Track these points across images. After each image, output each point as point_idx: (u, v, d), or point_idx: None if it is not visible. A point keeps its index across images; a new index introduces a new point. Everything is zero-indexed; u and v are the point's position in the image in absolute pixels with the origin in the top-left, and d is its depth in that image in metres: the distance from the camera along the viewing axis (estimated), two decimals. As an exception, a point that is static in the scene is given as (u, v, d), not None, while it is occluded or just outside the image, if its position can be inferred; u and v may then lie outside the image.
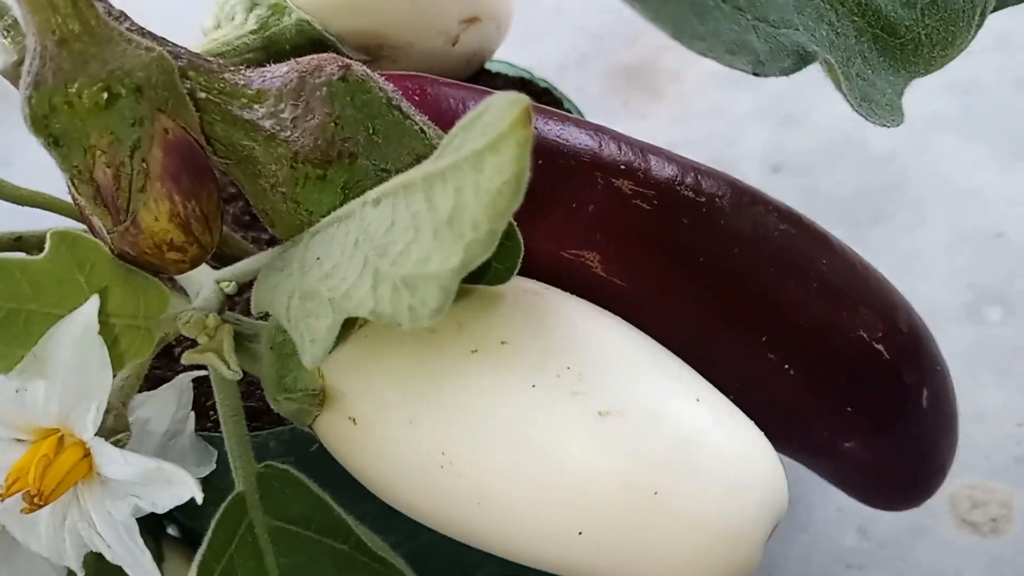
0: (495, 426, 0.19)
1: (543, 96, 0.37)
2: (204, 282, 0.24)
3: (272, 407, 0.24)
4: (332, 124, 0.21)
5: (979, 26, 0.26)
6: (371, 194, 0.18)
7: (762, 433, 0.20)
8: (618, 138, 0.25)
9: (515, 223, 0.20)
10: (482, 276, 0.21)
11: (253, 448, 0.24)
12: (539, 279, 0.23)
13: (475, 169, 0.16)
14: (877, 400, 0.28)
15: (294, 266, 0.21)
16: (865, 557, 0.45)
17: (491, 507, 0.20)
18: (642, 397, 0.19)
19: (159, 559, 0.30)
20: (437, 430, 0.20)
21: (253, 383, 0.27)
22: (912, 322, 0.28)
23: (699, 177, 0.26)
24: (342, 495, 0.24)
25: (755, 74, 0.22)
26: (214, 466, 0.25)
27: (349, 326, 0.22)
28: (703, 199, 0.25)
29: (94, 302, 0.20)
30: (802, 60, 0.22)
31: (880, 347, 0.27)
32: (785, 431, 0.28)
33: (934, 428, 0.29)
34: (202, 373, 0.25)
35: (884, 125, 0.23)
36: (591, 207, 0.24)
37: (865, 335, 0.27)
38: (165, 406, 0.24)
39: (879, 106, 0.23)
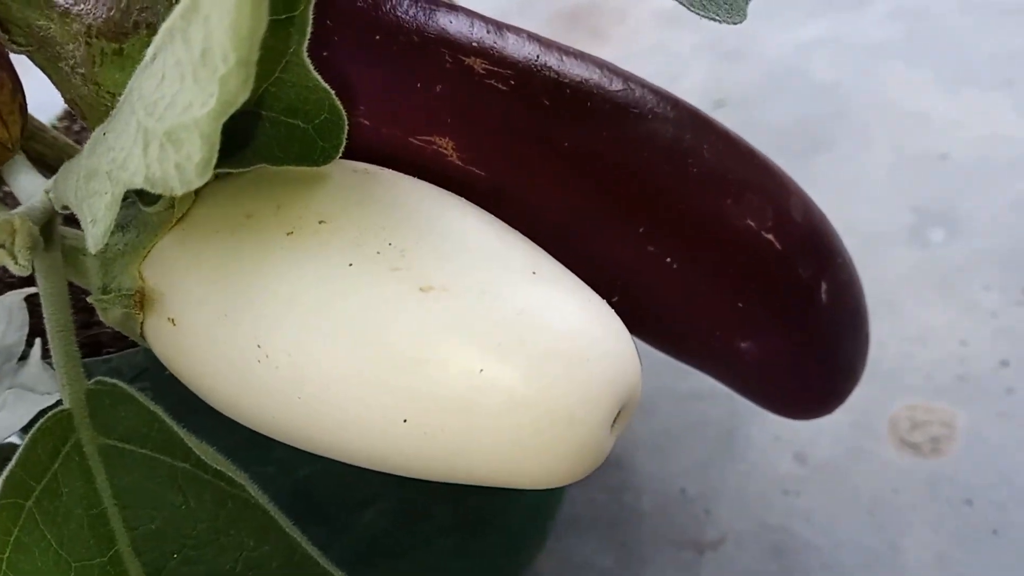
0: (309, 311, 0.17)
1: None
2: (32, 189, 0.22)
3: (101, 318, 0.22)
4: (125, -9, 0.19)
5: None
6: (148, 52, 0.16)
7: (610, 311, 0.18)
8: (471, 15, 0.23)
9: (334, 95, 0.18)
10: (307, 156, 0.19)
11: (105, 373, 0.22)
12: (392, 169, 0.21)
13: None
14: (770, 295, 0.26)
15: (85, 149, 0.19)
16: (802, 482, 0.44)
17: (310, 399, 0.18)
18: (469, 271, 0.17)
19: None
20: (251, 321, 0.18)
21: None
22: (808, 211, 0.26)
23: (564, 58, 0.24)
24: (206, 424, 0.22)
25: None
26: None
27: (166, 221, 0.20)
28: (567, 81, 0.23)
29: None
30: None
31: (770, 237, 0.25)
32: (676, 332, 0.26)
33: (837, 325, 0.27)
34: (33, 290, 0.23)
35: (723, 21, 0.21)
36: (438, 87, 0.22)
37: (753, 224, 0.25)
38: (-7, 324, 0.22)
39: (715, 3, 0.21)
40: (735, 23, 0.21)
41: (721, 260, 0.25)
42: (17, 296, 0.23)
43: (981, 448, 0.43)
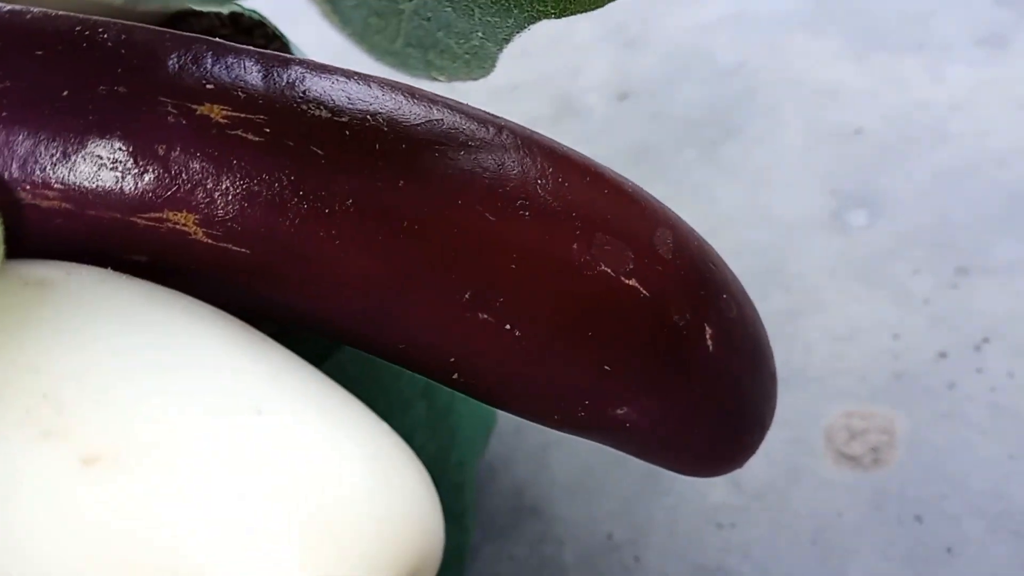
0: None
1: (255, 30, 0.29)
2: None
3: None
4: None
5: None
6: None
7: (386, 436, 0.13)
8: (201, 43, 0.17)
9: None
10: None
11: None
12: (114, 267, 0.16)
13: None
14: (643, 352, 0.21)
15: None
16: (737, 513, 0.39)
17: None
18: (153, 428, 0.12)
19: None
20: None
21: None
22: (680, 243, 0.21)
23: (342, 88, 0.18)
24: None
25: None
26: None
27: None
28: (346, 119, 0.18)
29: None
30: None
31: (633, 282, 0.20)
32: (537, 407, 0.21)
33: (732, 373, 0.22)
34: None
35: (448, 79, 0.16)
36: (161, 149, 0.16)
37: (609, 270, 0.20)
38: None
39: (448, 55, 0.16)
40: (478, 78, 0.16)
41: (574, 319, 0.20)
42: None
43: (926, 454, 0.38)
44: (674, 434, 0.22)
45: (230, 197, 0.17)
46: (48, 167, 0.16)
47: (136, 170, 0.16)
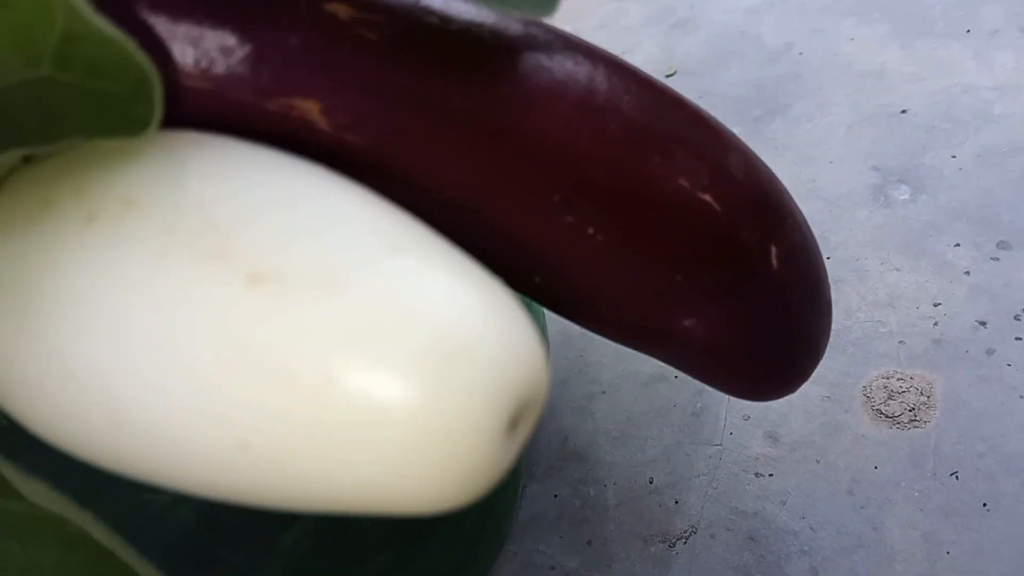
0: (116, 318, 0.14)
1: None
2: None
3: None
4: None
5: None
6: None
7: (502, 291, 0.14)
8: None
9: (138, 48, 0.15)
10: (120, 126, 0.15)
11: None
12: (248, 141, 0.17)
13: None
14: (713, 264, 0.22)
15: None
16: (776, 464, 0.40)
17: (127, 425, 0.14)
18: (311, 253, 0.13)
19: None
20: (50, 332, 0.14)
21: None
22: (751, 168, 0.23)
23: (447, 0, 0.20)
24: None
25: None
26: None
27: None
28: (454, 27, 0.19)
29: None
30: None
31: (708, 197, 0.21)
32: (611, 313, 0.23)
33: (792, 294, 0.23)
34: None
35: (521, 15, 0.17)
36: (294, 40, 0.18)
37: (686, 184, 0.21)
38: None
39: None
40: (544, 16, 0.17)
41: (652, 227, 0.21)
42: None
43: (963, 416, 0.39)
44: (735, 349, 0.24)
45: (349, 88, 0.18)
46: (195, 52, 0.17)
47: (270, 58, 0.18)
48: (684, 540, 0.39)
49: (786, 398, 0.42)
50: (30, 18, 0.15)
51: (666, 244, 0.21)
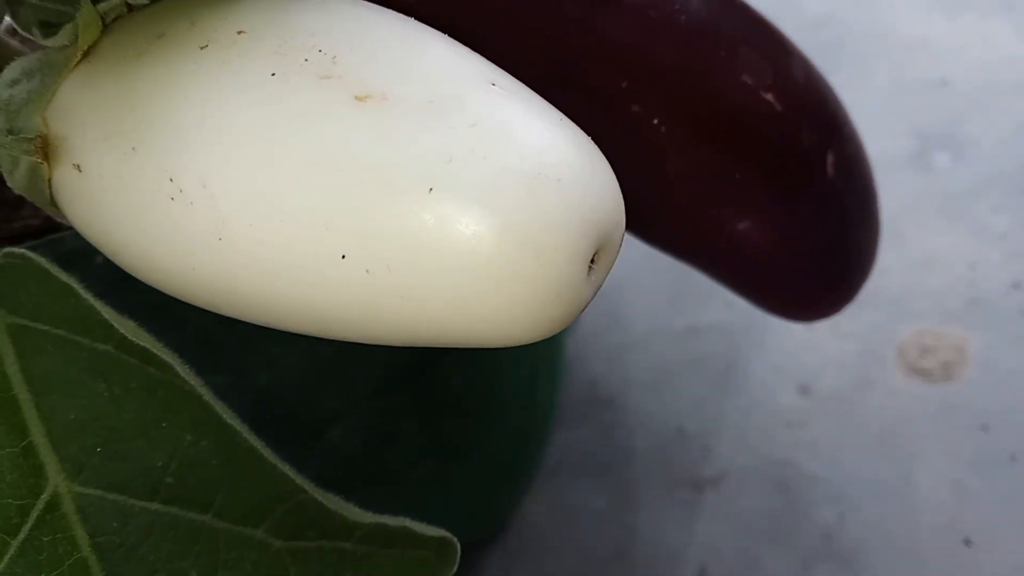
0: (225, 131, 0.15)
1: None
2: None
3: (8, 183, 0.19)
4: None
5: None
6: None
7: (584, 135, 0.16)
8: None
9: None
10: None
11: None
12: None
13: None
14: (771, 164, 0.23)
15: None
16: (806, 414, 0.41)
17: (232, 238, 0.15)
18: (413, 78, 0.15)
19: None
20: (161, 151, 0.15)
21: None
22: (811, 74, 0.24)
23: None
24: (142, 325, 0.20)
25: None
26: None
27: (70, 59, 0.18)
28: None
29: None
30: None
31: (770, 96, 0.23)
32: (666, 212, 0.24)
33: (845, 202, 0.24)
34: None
35: None
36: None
37: (750, 81, 0.22)
38: None
39: None
40: None
41: (713, 122, 0.22)
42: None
43: (995, 372, 0.40)
44: (785, 257, 0.25)
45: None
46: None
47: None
48: (713, 486, 0.40)
49: (820, 351, 0.43)
50: None
51: (726, 140, 0.22)
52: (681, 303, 0.47)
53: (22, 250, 0.19)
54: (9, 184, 0.19)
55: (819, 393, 0.42)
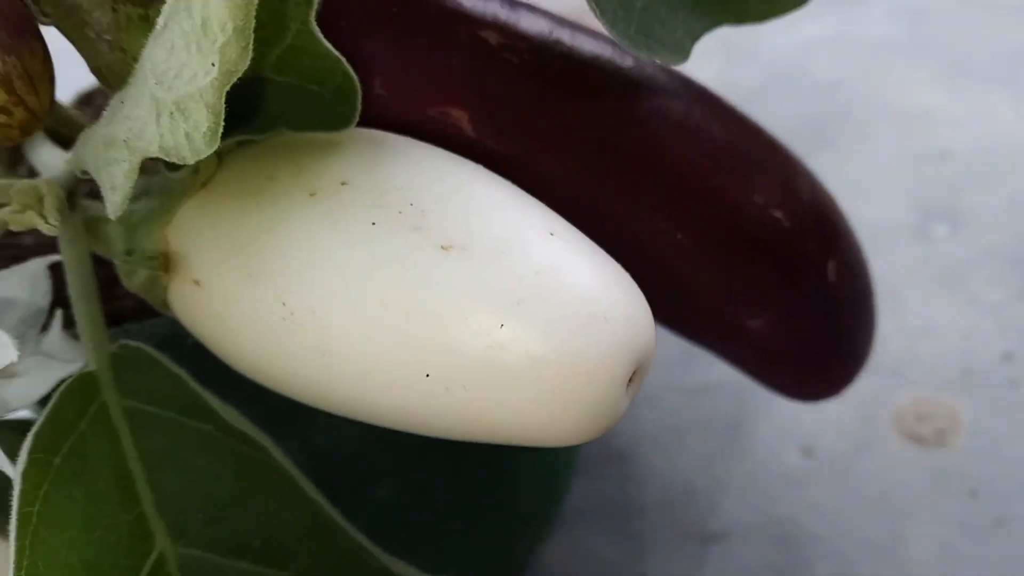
0: (333, 268, 0.18)
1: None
2: (54, 163, 0.23)
3: (125, 284, 0.23)
4: (153, -41, 0.19)
5: None
6: (160, 19, 0.17)
7: (626, 275, 0.19)
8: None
9: (345, 61, 0.19)
10: (322, 121, 0.20)
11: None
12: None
13: None
14: (778, 271, 0.27)
15: (104, 116, 0.20)
16: (809, 475, 0.45)
17: (334, 356, 0.18)
18: (489, 231, 0.18)
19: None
20: (276, 279, 0.19)
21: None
22: (816, 191, 0.27)
23: (576, 34, 0.24)
24: (226, 398, 0.23)
25: None
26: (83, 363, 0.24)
27: (191, 187, 0.21)
28: (579, 57, 0.24)
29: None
30: None
31: (778, 214, 0.26)
32: (685, 309, 0.27)
33: (844, 304, 0.28)
34: (57, 258, 0.24)
35: (660, 61, 0.22)
36: (454, 60, 0.23)
37: (761, 200, 0.26)
38: (18, 291, 0.23)
39: (660, 42, 0.22)
40: (671, 63, 0.22)
41: (729, 235, 0.26)
42: (41, 263, 0.24)
43: (985, 440, 0.44)
44: (791, 348, 0.28)
45: (495, 103, 0.23)
46: (381, 66, 0.22)
47: (434, 74, 0.23)
48: (718, 540, 0.43)
49: (822, 416, 0.46)
50: (269, 35, 0.20)
51: (740, 251, 0.26)
52: (692, 362, 0.51)
53: (137, 343, 0.22)
54: (126, 286, 0.23)
55: (820, 455, 0.45)
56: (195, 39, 0.16)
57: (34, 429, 0.20)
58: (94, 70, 0.21)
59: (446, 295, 0.18)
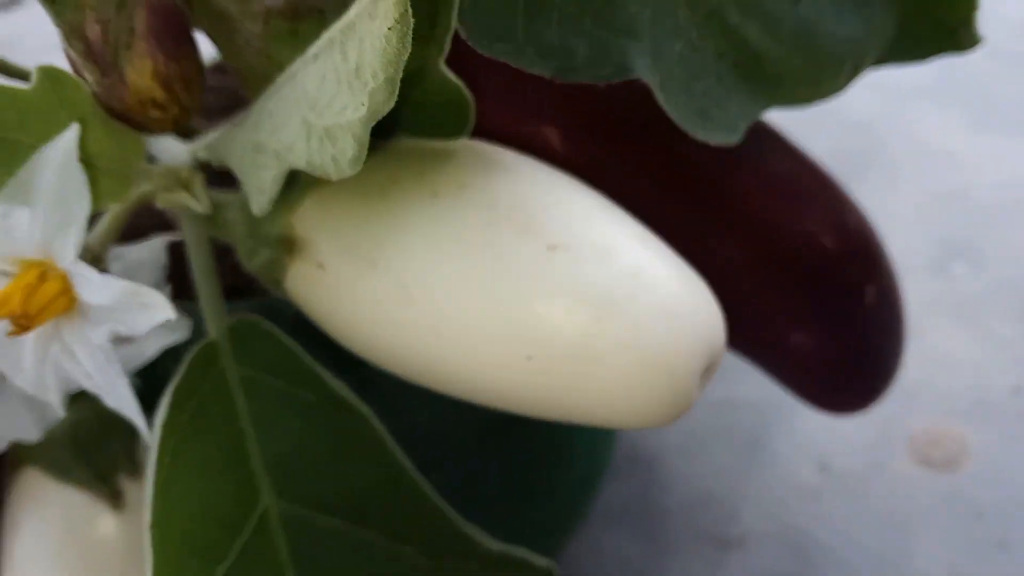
0: (452, 259, 0.21)
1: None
2: (177, 152, 0.26)
3: (245, 265, 0.25)
4: (301, -19, 0.22)
5: (853, 76, 0.26)
6: (311, 50, 0.20)
7: (702, 280, 0.22)
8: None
9: (463, 86, 0.22)
10: (439, 131, 0.23)
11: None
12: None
13: (370, 17, 0.17)
14: (823, 292, 0.29)
15: (250, 121, 0.22)
16: (825, 490, 0.47)
17: (447, 336, 0.21)
18: (589, 235, 0.21)
19: (132, 438, 0.32)
20: (398, 266, 0.21)
21: (228, 263, 0.29)
22: (860, 221, 0.30)
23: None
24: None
25: (554, 77, 0.22)
26: (188, 335, 0.26)
27: (316, 180, 0.24)
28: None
29: (74, 130, 0.21)
30: (620, 72, 0.22)
31: (826, 241, 0.29)
32: (735, 319, 0.30)
33: (880, 326, 0.31)
34: (176, 239, 0.27)
35: (711, 141, 0.24)
36: (549, 85, 0.25)
37: (812, 228, 0.29)
38: (139, 265, 0.26)
39: (715, 123, 0.24)
40: (722, 143, 0.24)
41: (781, 257, 0.28)
42: (161, 241, 0.26)
43: (992, 467, 0.46)
44: (828, 363, 0.31)
45: (583, 123, 0.26)
46: (489, 86, 0.25)
47: (531, 96, 0.25)
48: (736, 545, 0.46)
49: (838, 435, 0.49)
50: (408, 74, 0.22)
51: (790, 272, 0.29)
52: (719, 376, 0.53)
53: (253, 317, 0.25)
54: (245, 266, 0.25)
55: (835, 472, 0.48)
56: (347, 79, 0.18)
57: (169, 390, 0.23)
58: (233, 70, 0.24)
59: (552, 288, 0.20)
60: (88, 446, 0.30)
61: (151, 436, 0.23)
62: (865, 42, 0.25)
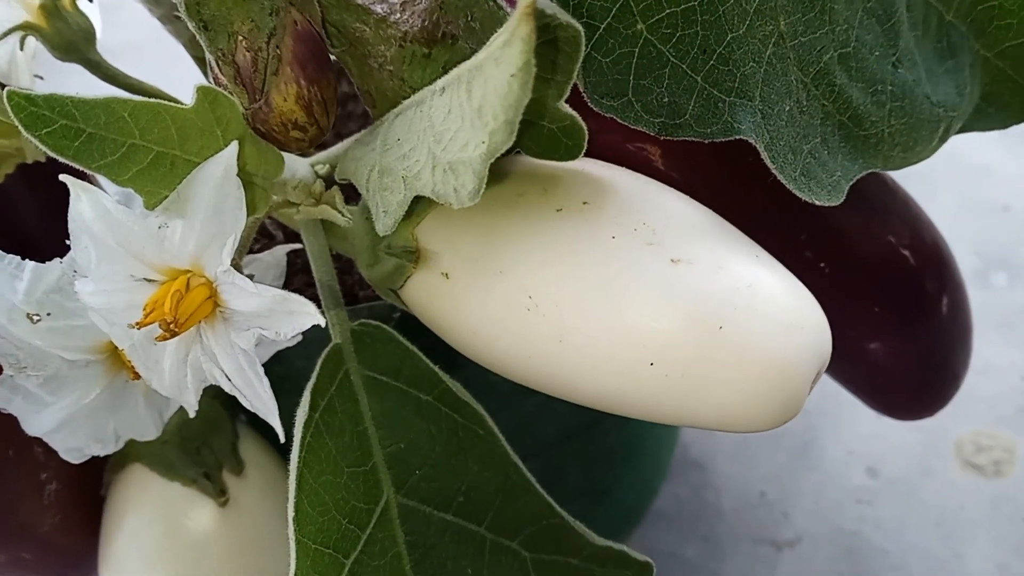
0: (578, 271, 0.22)
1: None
2: (299, 166, 0.27)
3: (364, 273, 0.26)
4: (438, 8, 0.23)
5: (943, 140, 0.27)
6: (439, 83, 0.21)
7: (807, 290, 0.23)
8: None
9: (575, 113, 0.23)
10: (554, 153, 0.24)
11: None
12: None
13: (496, 62, 0.18)
14: (901, 302, 0.30)
15: (377, 143, 0.23)
16: (873, 493, 0.48)
17: (571, 344, 0.22)
18: (709, 250, 0.22)
19: (235, 437, 0.33)
20: (524, 277, 0.23)
21: (341, 271, 0.30)
22: (935, 236, 0.31)
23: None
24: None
25: (658, 133, 0.23)
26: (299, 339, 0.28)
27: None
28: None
29: (233, 147, 0.22)
30: (727, 130, 0.23)
31: (906, 253, 0.30)
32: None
33: (951, 336, 0.32)
34: (297, 246, 0.28)
35: (817, 201, 0.25)
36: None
37: (893, 240, 0.30)
38: (265, 272, 0.27)
39: (819, 183, 0.25)
40: (832, 203, 0.25)
41: (865, 267, 0.30)
42: (283, 250, 0.28)
43: (1039, 473, 0.47)
44: (902, 370, 0.32)
45: (683, 143, 0.27)
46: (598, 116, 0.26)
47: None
48: (790, 547, 0.47)
49: (886, 441, 0.50)
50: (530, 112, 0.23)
51: (872, 281, 0.30)
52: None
53: (376, 322, 0.26)
54: (366, 276, 0.26)
55: (885, 476, 0.49)
56: (470, 116, 0.20)
57: (307, 390, 0.24)
58: (363, 92, 0.25)
59: (676, 299, 0.22)
60: (194, 445, 0.32)
61: (294, 435, 0.24)
62: (956, 107, 0.26)
